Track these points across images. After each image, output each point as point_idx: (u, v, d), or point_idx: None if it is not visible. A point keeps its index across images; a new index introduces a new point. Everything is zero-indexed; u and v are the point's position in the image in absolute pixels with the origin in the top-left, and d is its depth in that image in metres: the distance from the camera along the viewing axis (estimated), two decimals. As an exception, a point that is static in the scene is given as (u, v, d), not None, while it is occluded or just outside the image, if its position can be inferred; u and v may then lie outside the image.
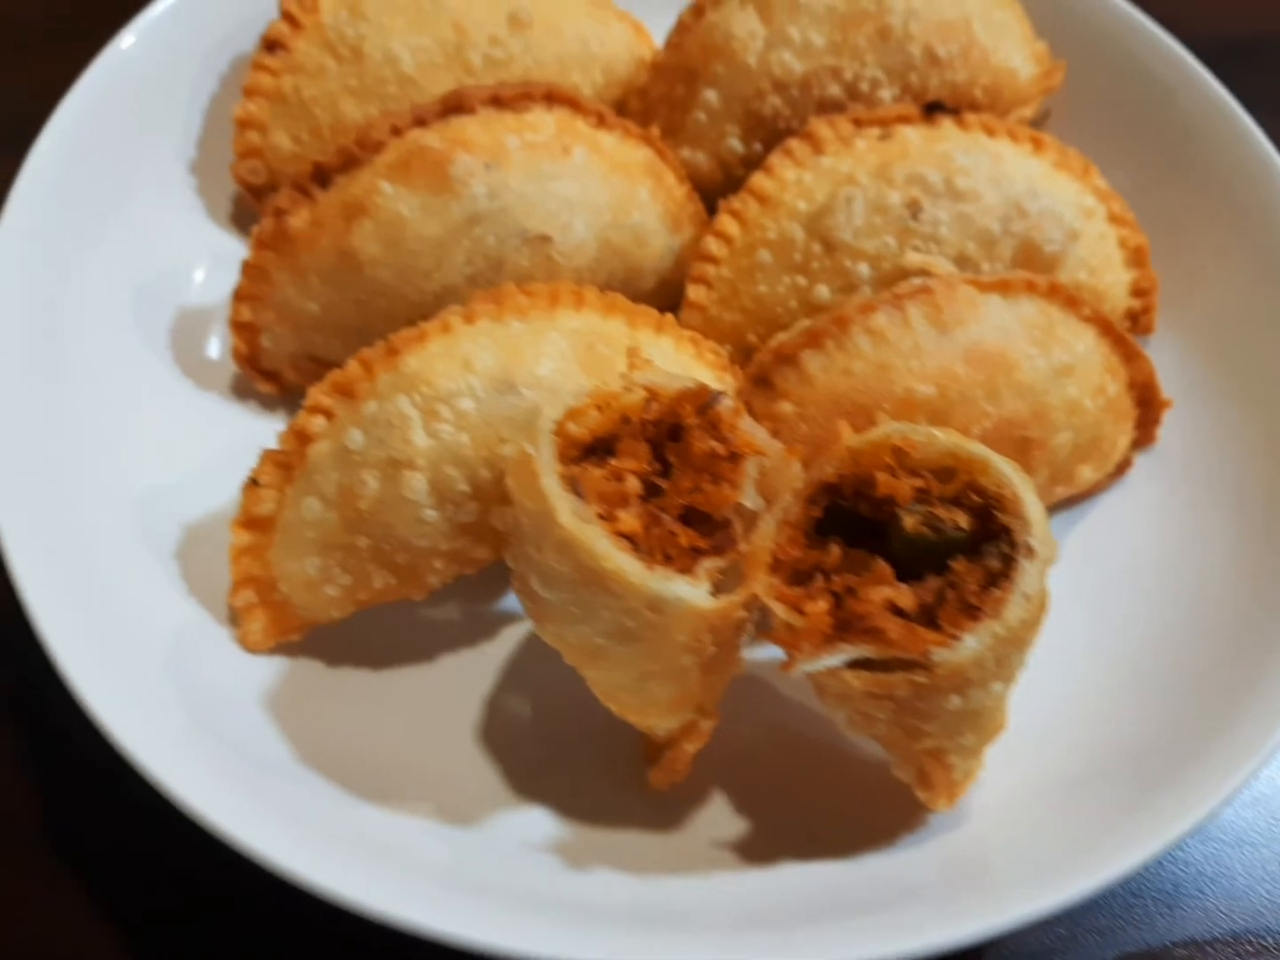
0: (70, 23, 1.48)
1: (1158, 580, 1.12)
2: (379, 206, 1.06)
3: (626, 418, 0.89)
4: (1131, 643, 1.08)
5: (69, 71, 1.20)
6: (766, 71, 1.20)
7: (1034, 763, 0.99)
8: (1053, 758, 1.00)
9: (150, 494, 1.07)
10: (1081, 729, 1.02)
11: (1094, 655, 1.07)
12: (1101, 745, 1.01)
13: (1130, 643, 1.08)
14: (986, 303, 1.03)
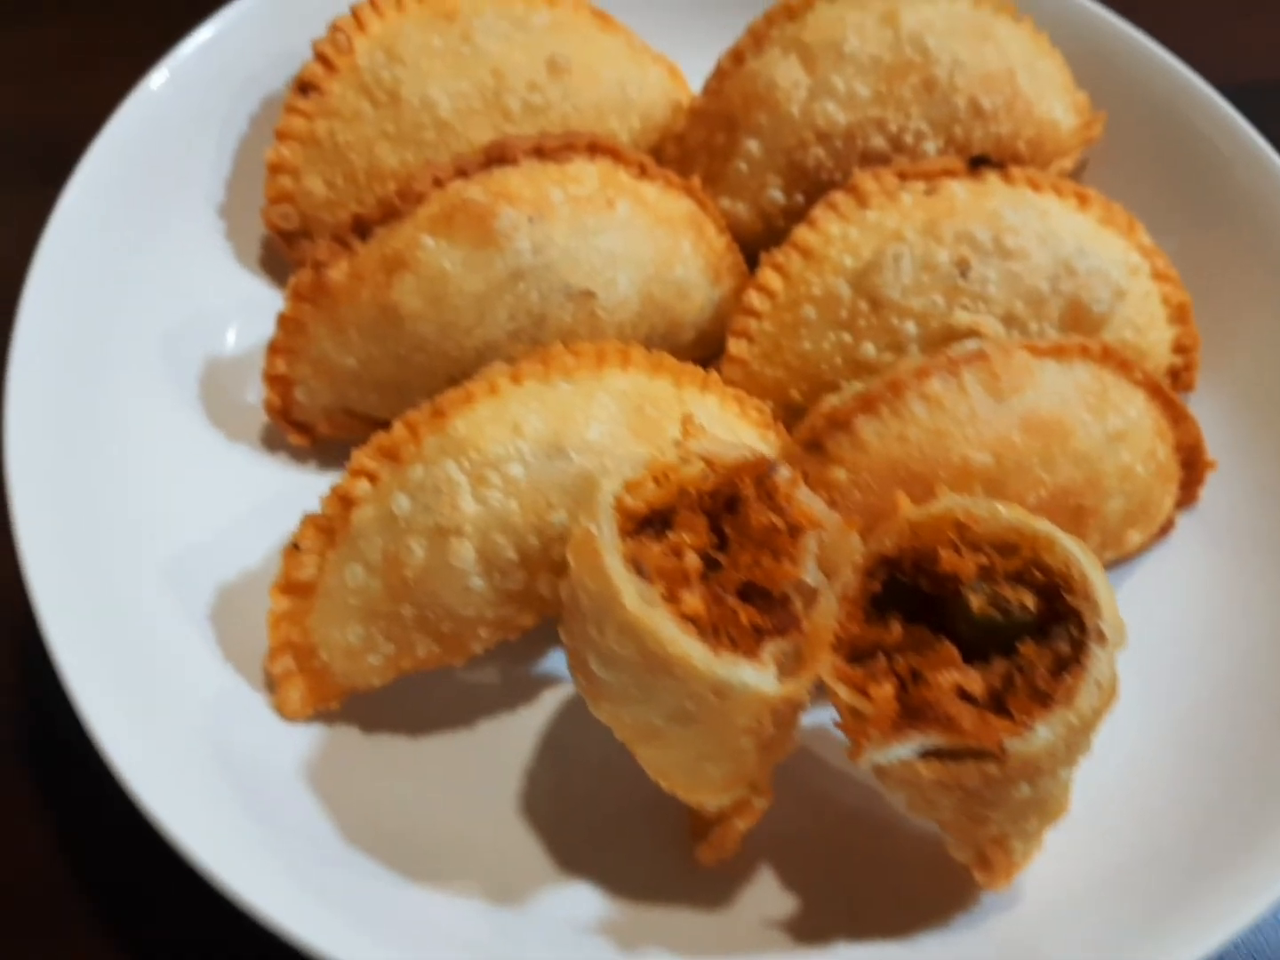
0: (103, 47, 1.46)
1: (1204, 645, 1.10)
2: (421, 260, 1.04)
3: (684, 489, 0.87)
4: (1181, 712, 1.06)
5: (99, 96, 1.18)
6: (810, 122, 1.18)
7: (1088, 841, 0.97)
8: (1107, 836, 0.98)
9: (182, 552, 1.04)
10: (1136, 805, 1.00)
11: (1144, 726, 1.05)
12: (1157, 822, 0.99)
13: (1180, 712, 1.06)
14: (1042, 369, 1.01)
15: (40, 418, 1.02)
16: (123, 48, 1.46)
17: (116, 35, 1.51)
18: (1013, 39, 1.23)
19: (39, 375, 1.04)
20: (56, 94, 1.46)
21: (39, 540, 0.97)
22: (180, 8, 1.50)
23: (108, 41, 1.50)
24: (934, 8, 1.21)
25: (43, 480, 1.00)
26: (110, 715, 0.91)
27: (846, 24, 1.19)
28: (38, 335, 1.06)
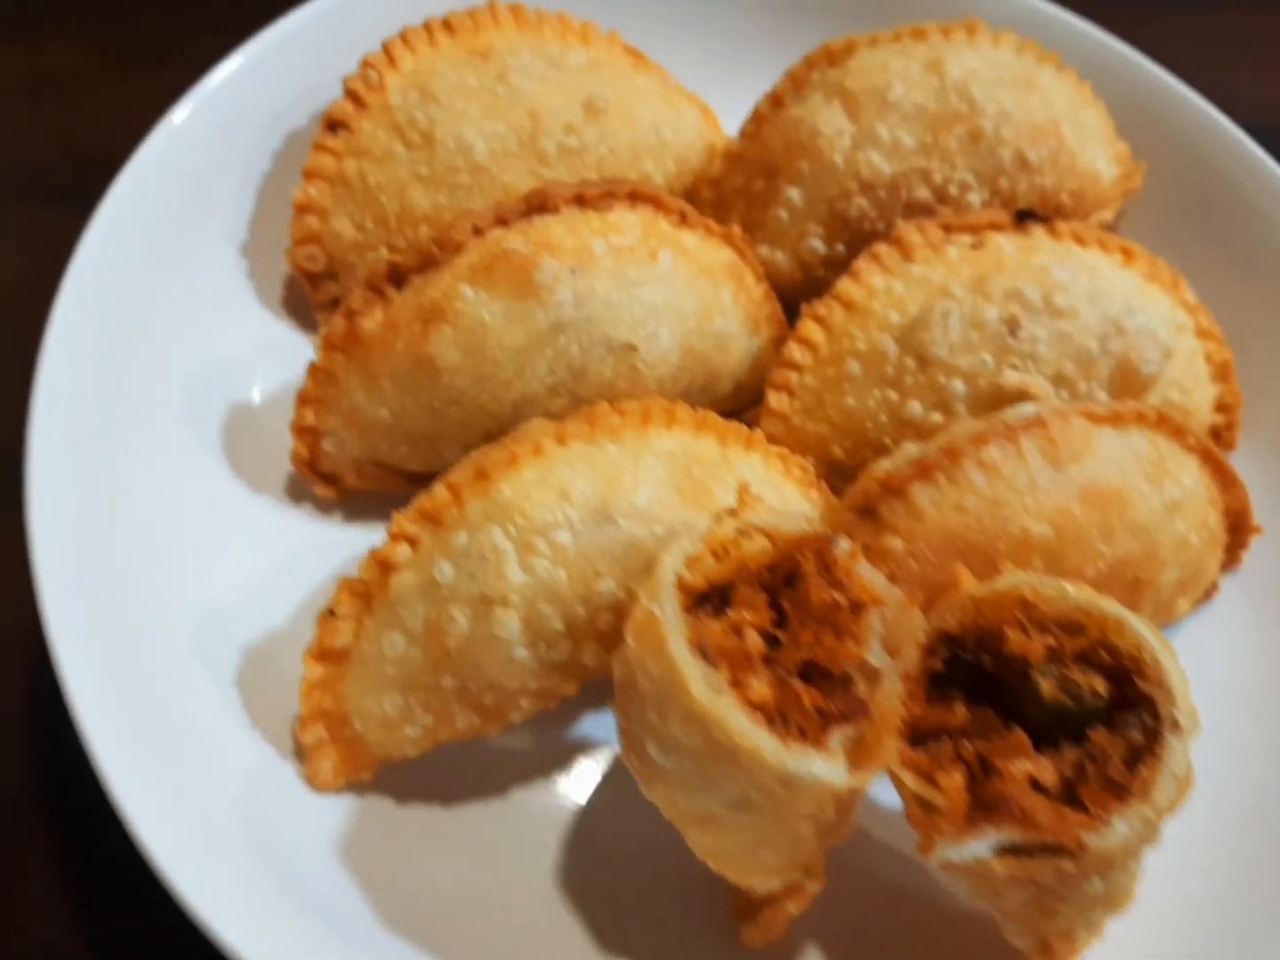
0: (112, 64, 1.42)
1: (1251, 712, 1.08)
2: (459, 311, 1.00)
3: (744, 564, 0.84)
4: (1226, 784, 1.04)
5: (108, 114, 1.14)
6: (854, 172, 1.15)
7: (1140, 925, 0.94)
8: (1159, 917, 0.95)
9: (207, 612, 1.00)
10: (1188, 884, 0.97)
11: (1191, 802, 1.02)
12: (1209, 902, 0.97)
13: (1225, 784, 1.04)
14: (1100, 436, 0.98)
15: (63, 470, 0.98)
16: (134, 65, 1.44)
17: (127, 51, 1.47)
18: (1057, 89, 1.21)
19: (61, 426, 1.00)
20: (64, 111, 1.41)
21: (62, 599, 0.93)
22: (193, 23, 1.48)
23: (117, 58, 1.46)
24: (979, 56, 1.18)
25: (65, 536, 0.96)
26: (136, 786, 0.88)
27: (891, 71, 1.16)
28: (59, 384, 1.02)
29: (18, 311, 1.21)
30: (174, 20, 1.49)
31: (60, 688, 0.89)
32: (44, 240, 1.26)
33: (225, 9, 1.48)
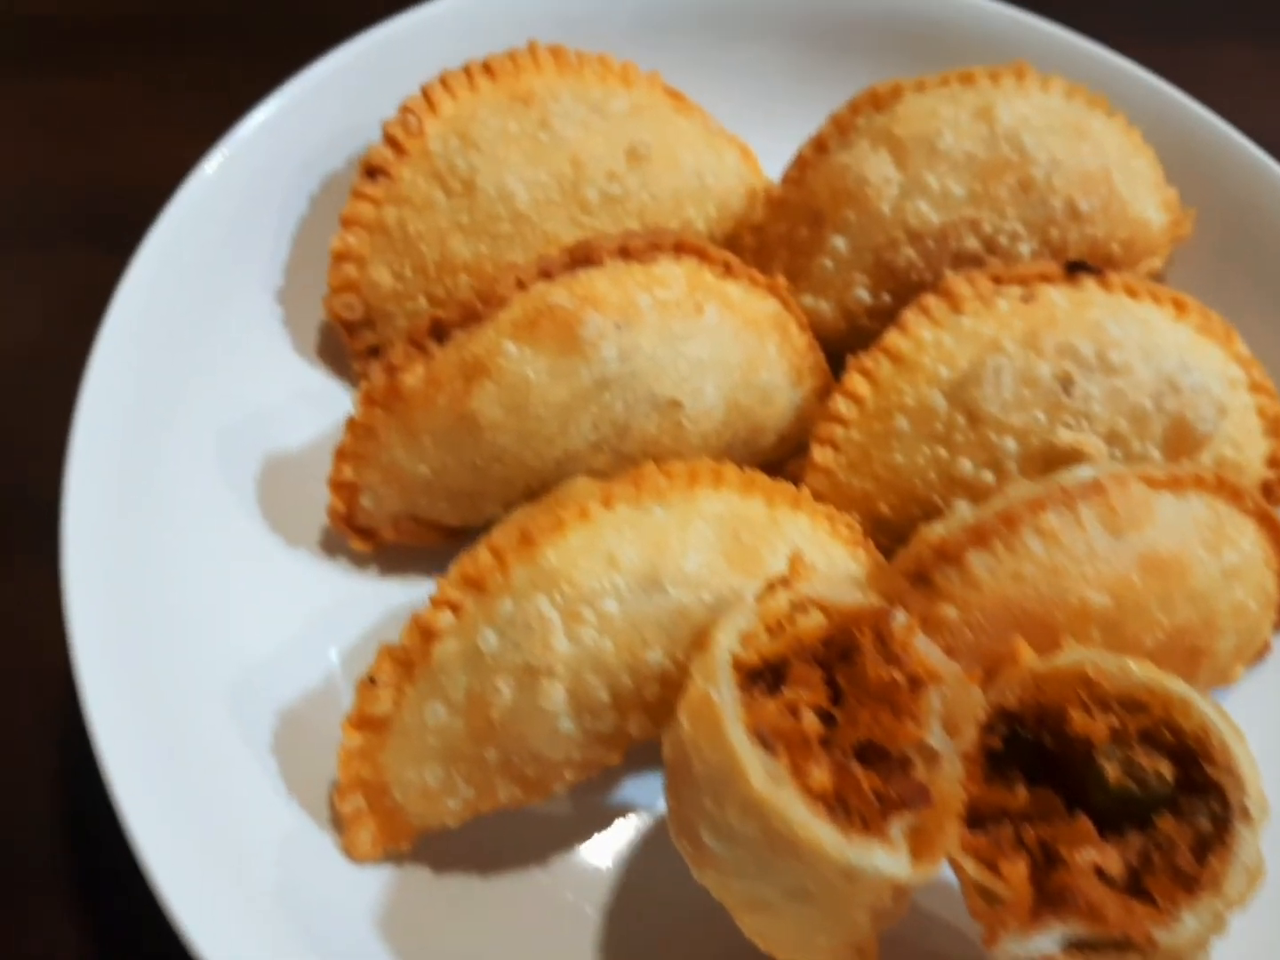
0: (138, 101, 1.41)
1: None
2: (503, 368, 0.98)
3: (799, 640, 0.82)
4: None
5: (148, 149, 1.12)
6: (901, 221, 1.13)
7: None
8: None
9: (242, 672, 0.98)
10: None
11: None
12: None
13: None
14: (1159, 502, 0.96)
15: (98, 525, 0.97)
16: (161, 100, 1.43)
17: (155, 87, 1.45)
18: (1108, 135, 1.18)
19: (97, 478, 0.99)
20: (88, 148, 1.39)
21: (95, 657, 0.92)
22: (224, 59, 1.46)
23: (145, 93, 1.44)
24: (1029, 102, 1.16)
25: (99, 591, 0.94)
26: (168, 852, 0.86)
27: (940, 118, 1.14)
28: (96, 435, 1.01)
29: (46, 357, 1.20)
30: (203, 56, 1.47)
31: (93, 750, 0.88)
32: (69, 282, 1.26)
33: (256, 45, 1.47)
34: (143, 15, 1.51)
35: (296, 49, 1.24)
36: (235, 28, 1.52)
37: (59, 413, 1.02)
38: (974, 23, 1.33)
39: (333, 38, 1.24)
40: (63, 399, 1.02)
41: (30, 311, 1.25)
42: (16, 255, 1.30)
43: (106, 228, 1.27)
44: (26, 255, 1.30)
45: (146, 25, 1.50)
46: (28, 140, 1.41)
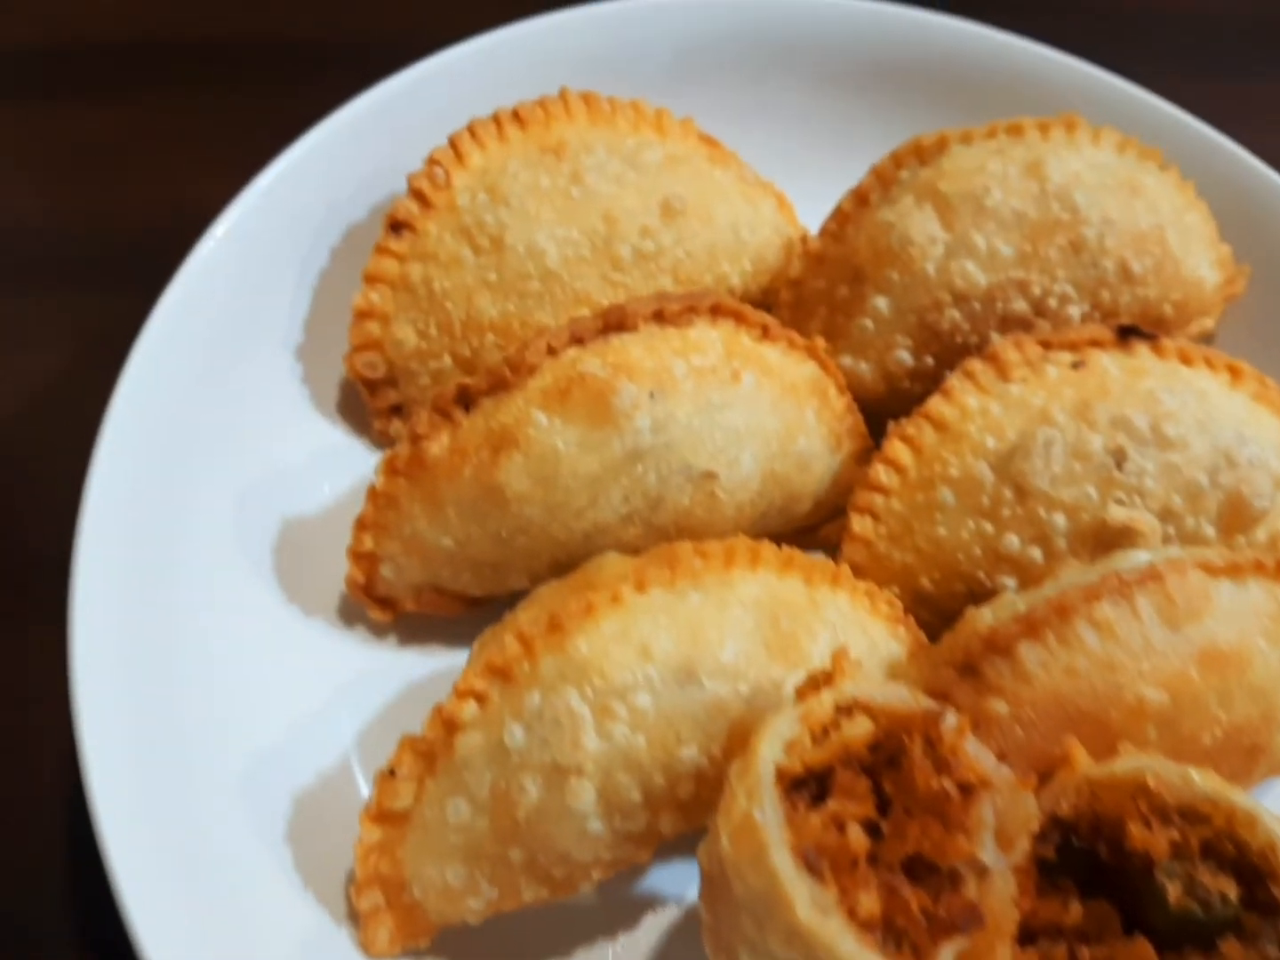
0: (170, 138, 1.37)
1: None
2: (531, 439, 0.93)
3: (845, 747, 0.77)
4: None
5: (134, 190, 1.08)
6: (947, 282, 1.08)
7: None
8: None
9: (256, 754, 0.94)
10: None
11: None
12: None
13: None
14: (1218, 591, 0.91)
15: (109, 592, 0.94)
16: (180, 137, 1.38)
17: (178, 119, 1.41)
18: (1162, 192, 1.14)
19: (109, 543, 0.96)
20: (105, 184, 1.35)
21: (101, 741, 0.88)
22: (246, 95, 1.42)
23: (168, 126, 1.40)
24: (1080, 157, 1.11)
25: (109, 664, 0.91)
26: (177, 951, 0.81)
27: (988, 173, 1.09)
28: (109, 499, 0.98)
29: (59, 410, 1.17)
30: (232, 85, 1.43)
31: (97, 839, 0.84)
32: (85, 327, 1.22)
33: (288, 74, 1.43)
34: (170, 41, 1.47)
35: (329, 80, 1.21)
36: (267, 55, 1.48)
37: (72, 469, 0.98)
38: (1021, 67, 1.29)
39: (367, 68, 1.20)
40: (77, 454, 0.99)
41: (44, 359, 1.21)
42: (31, 298, 1.26)
43: (126, 268, 1.23)
44: (41, 297, 1.26)
45: (173, 52, 1.46)
46: (44, 172, 1.37)
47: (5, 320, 1.24)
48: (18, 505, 1.13)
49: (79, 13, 1.49)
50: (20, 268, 1.28)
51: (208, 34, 1.48)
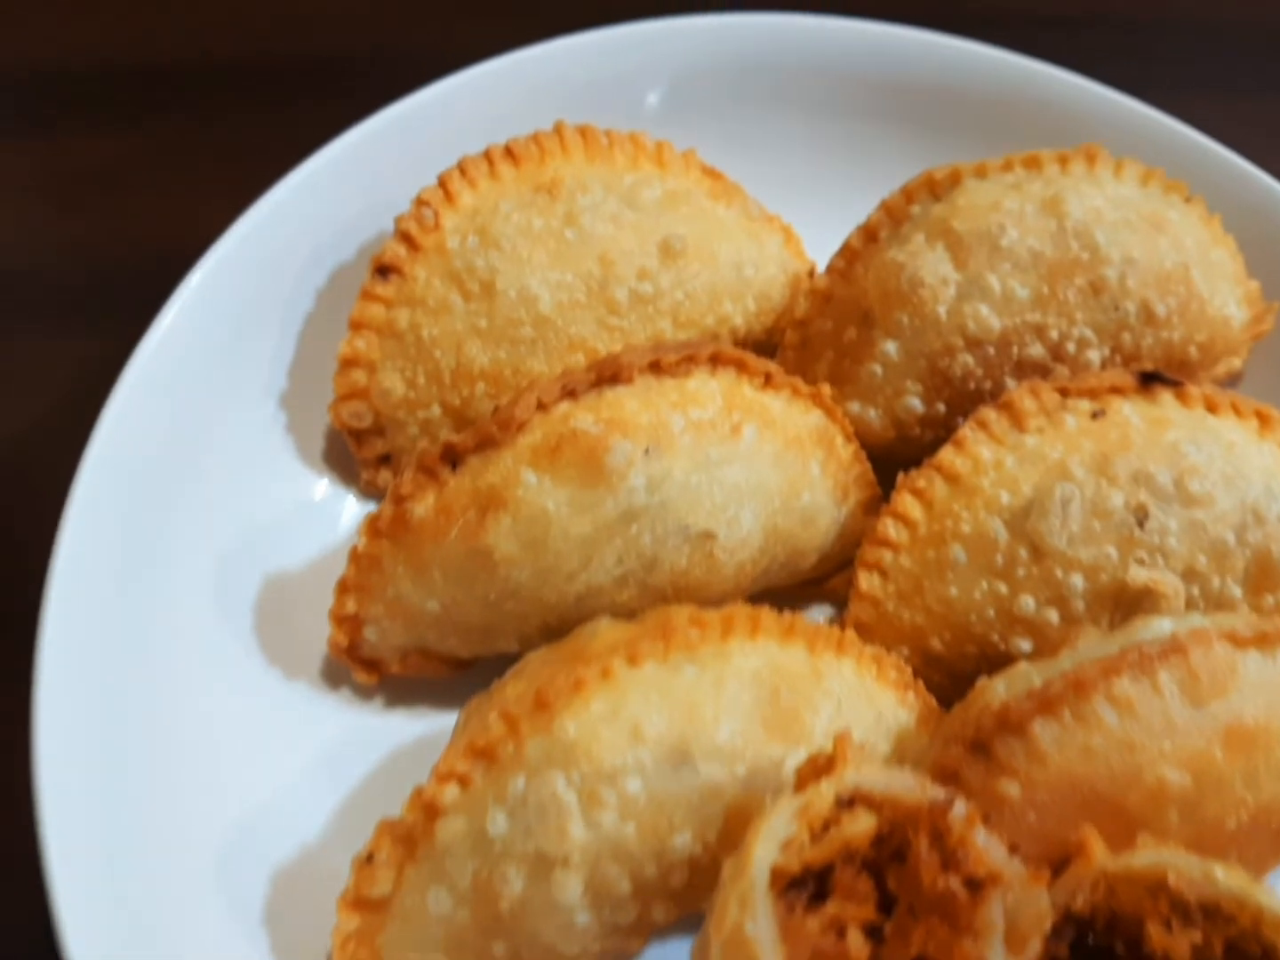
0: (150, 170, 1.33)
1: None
2: (520, 499, 0.89)
3: (846, 845, 0.73)
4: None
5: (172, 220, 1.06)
6: (959, 326, 1.03)
7: None
8: None
9: (233, 827, 0.91)
10: None
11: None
12: None
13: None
14: (1245, 664, 0.86)
15: (77, 653, 0.91)
16: (161, 168, 1.34)
17: (155, 154, 1.36)
18: (1186, 228, 1.08)
19: (79, 602, 0.92)
20: (86, 218, 1.31)
21: (63, 811, 0.85)
22: (232, 125, 1.38)
23: (144, 160, 1.35)
24: (1101, 193, 1.06)
25: (75, 732, 0.88)
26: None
27: (1003, 210, 1.04)
28: (80, 555, 0.94)
29: (34, 458, 1.13)
30: (222, 118, 1.38)
31: (54, 922, 0.80)
32: (65, 370, 1.18)
33: (283, 102, 1.38)
34: (160, 67, 1.42)
35: (334, 103, 1.17)
36: (267, 79, 1.43)
37: (47, 520, 0.95)
38: (1039, 91, 1.23)
39: (372, 91, 1.16)
40: (52, 505, 0.95)
41: (27, 405, 1.17)
42: (18, 340, 1.22)
43: (120, 306, 1.17)
44: (30, 338, 1.22)
45: (165, 79, 1.41)
46: (33, 204, 1.33)
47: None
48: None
49: (62, 39, 1.45)
50: (9, 307, 1.24)
51: (202, 58, 1.43)
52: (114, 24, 1.45)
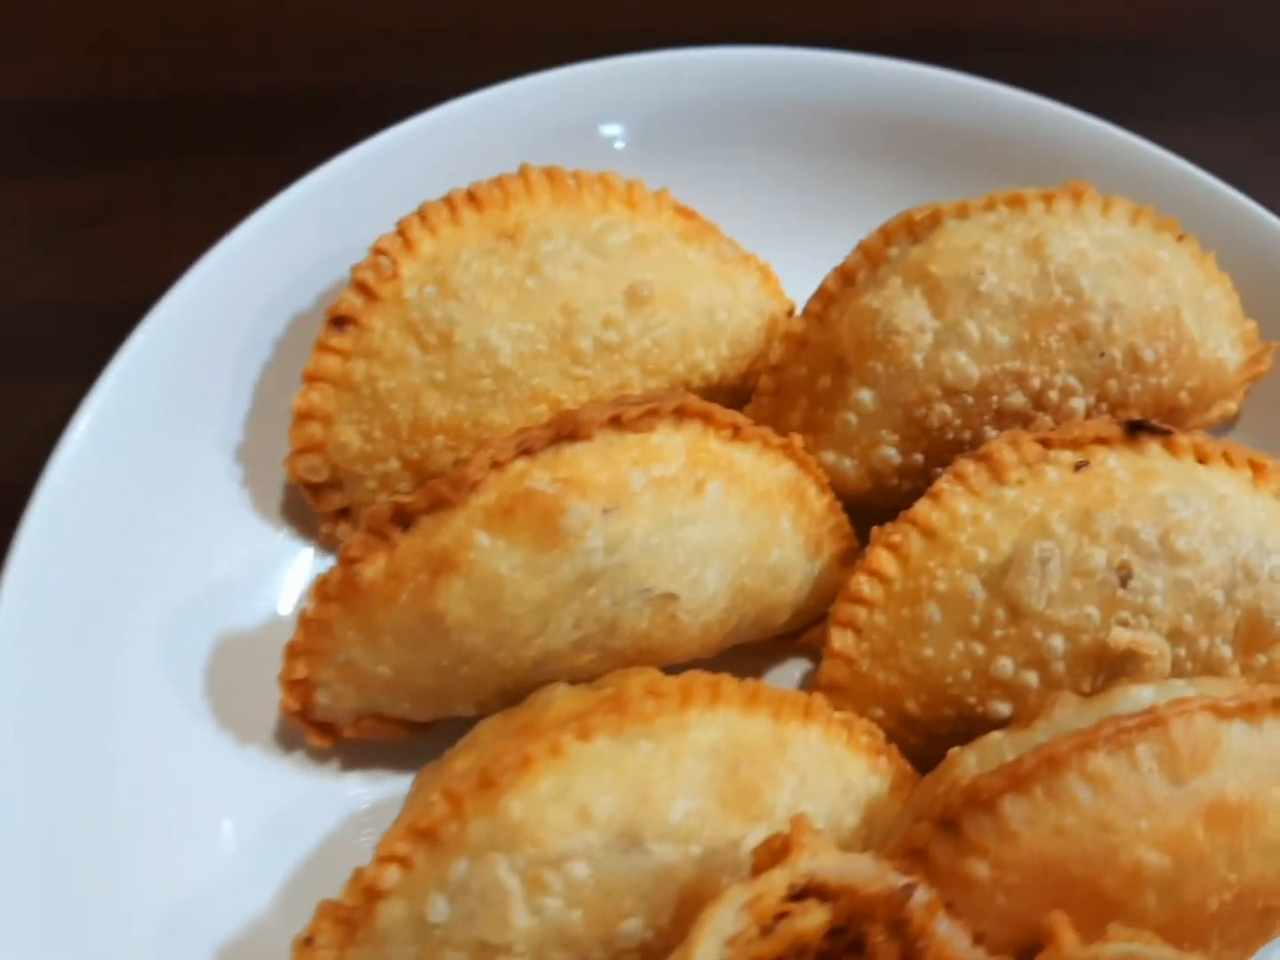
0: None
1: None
2: (473, 562, 0.86)
3: (798, 940, 0.69)
4: None
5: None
6: (936, 375, 0.99)
7: None
8: None
9: (179, 910, 0.88)
10: None
11: None
12: None
13: None
14: (1229, 736, 0.82)
15: (14, 718, 0.88)
16: (154, 207, 1.31)
17: (146, 190, 1.34)
18: (1178, 268, 1.04)
19: (17, 664, 0.89)
20: (63, 257, 1.29)
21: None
22: (198, 167, 1.35)
23: (137, 198, 1.32)
24: (1088, 233, 1.02)
25: (8, 804, 0.84)
26: None
27: (983, 253, 1.00)
28: (22, 613, 0.91)
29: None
30: (199, 156, 1.35)
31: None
32: (32, 414, 1.16)
33: (259, 144, 1.36)
34: (129, 104, 1.40)
35: (324, 149, 1.13)
36: (245, 115, 1.40)
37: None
38: (1026, 125, 1.19)
39: (356, 126, 1.13)
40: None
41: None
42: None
43: (82, 351, 1.15)
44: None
45: (136, 118, 1.39)
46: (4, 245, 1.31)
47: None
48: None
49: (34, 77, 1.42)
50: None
51: (176, 95, 1.41)
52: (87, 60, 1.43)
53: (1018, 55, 1.41)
